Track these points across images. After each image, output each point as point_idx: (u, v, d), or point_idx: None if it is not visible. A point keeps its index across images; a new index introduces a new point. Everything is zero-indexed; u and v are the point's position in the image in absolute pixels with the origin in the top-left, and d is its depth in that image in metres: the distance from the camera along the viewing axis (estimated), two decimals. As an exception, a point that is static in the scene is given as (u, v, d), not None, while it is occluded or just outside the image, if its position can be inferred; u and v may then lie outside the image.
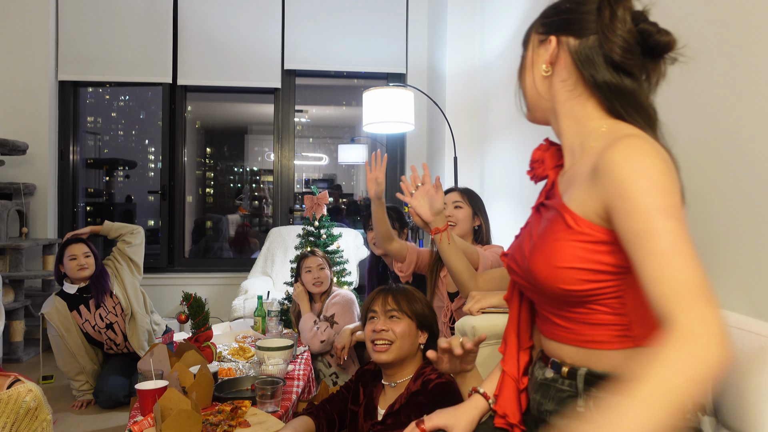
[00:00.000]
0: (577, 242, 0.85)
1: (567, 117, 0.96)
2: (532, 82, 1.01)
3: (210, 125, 6.81)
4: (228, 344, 2.42)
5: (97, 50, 4.06)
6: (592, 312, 0.88)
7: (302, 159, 8.26)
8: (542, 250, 0.89)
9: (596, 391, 0.89)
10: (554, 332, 0.96)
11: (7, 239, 3.52)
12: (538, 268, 0.89)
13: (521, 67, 1.03)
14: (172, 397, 1.49)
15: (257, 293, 3.26)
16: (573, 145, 0.96)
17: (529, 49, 1.02)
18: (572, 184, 0.90)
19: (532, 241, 0.94)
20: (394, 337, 1.47)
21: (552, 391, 0.95)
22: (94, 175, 5.31)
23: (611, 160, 0.80)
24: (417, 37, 4.30)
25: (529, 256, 0.92)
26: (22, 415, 1.47)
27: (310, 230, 3.16)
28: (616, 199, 0.79)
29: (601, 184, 0.81)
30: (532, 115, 1.05)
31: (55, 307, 2.70)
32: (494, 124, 3.26)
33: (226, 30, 4.16)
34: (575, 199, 0.87)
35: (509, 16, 3.03)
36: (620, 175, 0.78)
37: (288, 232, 3.98)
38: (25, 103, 3.91)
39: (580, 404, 0.90)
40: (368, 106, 3.21)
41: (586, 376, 0.90)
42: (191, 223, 5.44)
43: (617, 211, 0.79)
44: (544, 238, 0.90)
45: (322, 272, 2.60)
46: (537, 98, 1.01)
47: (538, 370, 1.01)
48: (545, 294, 0.91)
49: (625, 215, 0.77)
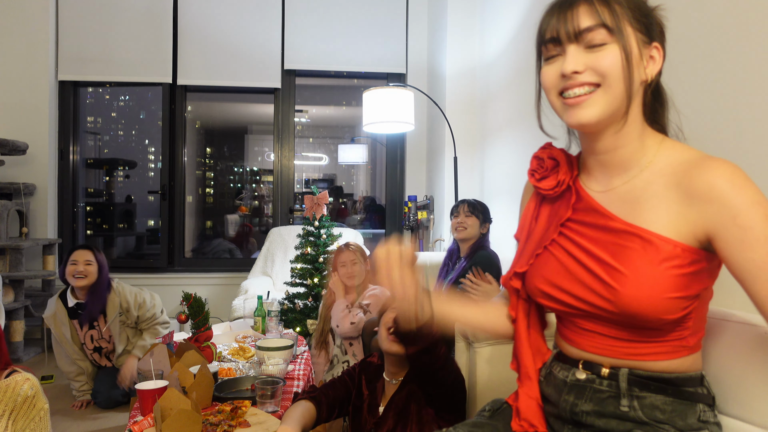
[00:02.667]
0: (678, 268, 0.82)
1: (634, 130, 0.88)
2: (638, 80, 0.86)
3: (210, 125, 6.81)
4: (228, 344, 2.42)
5: (97, 50, 4.06)
6: (662, 332, 0.87)
7: (302, 159, 8.26)
8: (642, 278, 0.83)
9: (638, 391, 0.89)
10: (603, 348, 0.92)
11: (7, 239, 3.52)
12: (639, 300, 0.83)
13: (629, 60, 0.83)
14: (172, 397, 1.49)
15: (257, 293, 3.26)
16: (627, 161, 0.89)
17: (631, 42, 0.84)
18: (640, 204, 0.86)
19: (607, 263, 0.87)
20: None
21: (588, 392, 0.93)
22: (94, 175, 5.31)
23: (717, 185, 0.79)
24: (417, 37, 4.30)
25: (617, 282, 0.85)
26: (20, 403, 1.48)
27: (310, 230, 3.16)
28: (731, 227, 0.79)
29: (705, 209, 0.81)
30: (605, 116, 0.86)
31: (55, 314, 2.64)
32: (494, 124, 3.26)
33: (226, 30, 4.16)
34: (663, 223, 0.84)
35: (509, 16, 3.03)
36: (733, 203, 0.79)
37: (288, 232, 3.98)
38: (25, 103, 3.91)
39: (624, 404, 0.89)
40: (368, 106, 3.21)
41: (629, 376, 0.89)
42: (191, 223, 5.44)
43: (733, 240, 0.79)
44: (637, 263, 0.84)
45: (355, 267, 2.58)
46: (630, 100, 0.86)
47: (560, 372, 0.98)
48: (630, 320, 0.86)
49: (743, 245, 0.79)
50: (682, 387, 0.88)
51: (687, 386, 0.88)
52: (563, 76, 0.86)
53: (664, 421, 0.87)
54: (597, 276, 0.88)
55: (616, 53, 0.83)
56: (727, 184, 0.79)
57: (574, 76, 0.85)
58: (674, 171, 0.85)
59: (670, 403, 0.87)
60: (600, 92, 0.84)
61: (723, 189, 0.79)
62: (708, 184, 0.80)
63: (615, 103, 0.84)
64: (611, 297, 0.86)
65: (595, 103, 0.85)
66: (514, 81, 2.96)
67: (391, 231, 4.49)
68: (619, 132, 0.88)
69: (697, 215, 0.81)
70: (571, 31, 0.84)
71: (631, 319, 0.86)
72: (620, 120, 0.86)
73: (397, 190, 4.47)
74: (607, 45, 0.83)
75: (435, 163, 3.97)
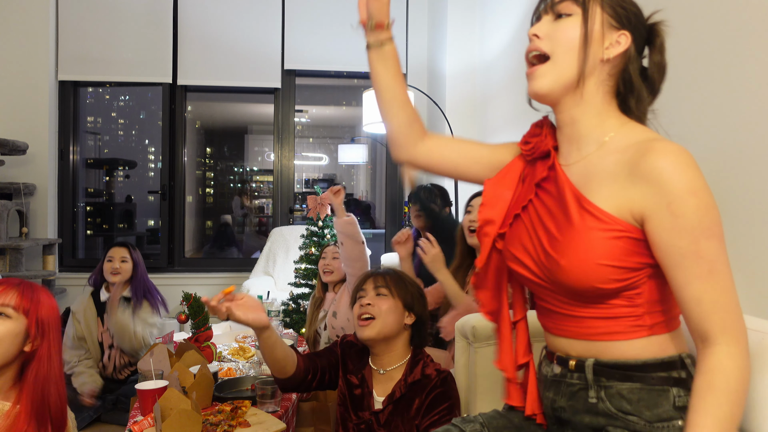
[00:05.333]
0: (614, 239, 0.84)
1: (592, 106, 0.92)
2: (595, 60, 0.90)
3: (210, 125, 6.81)
4: (228, 344, 2.42)
5: (97, 50, 4.06)
6: (609, 306, 0.88)
7: (302, 159, 8.26)
8: (575, 245, 0.86)
9: (606, 381, 0.89)
10: (563, 328, 0.95)
11: (7, 239, 3.52)
12: (571, 263, 0.86)
13: (584, 36, 0.89)
14: (172, 397, 1.49)
15: (259, 293, 3.26)
16: (585, 136, 0.93)
17: (594, 20, 0.89)
18: (592, 179, 0.89)
19: (550, 234, 0.91)
20: (379, 313, 1.47)
21: (563, 387, 0.95)
22: (94, 175, 5.30)
23: (658, 168, 0.81)
24: (417, 37, 4.30)
25: (555, 251, 0.89)
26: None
27: (313, 230, 3.16)
28: (663, 211, 0.81)
29: (644, 190, 0.82)
30: (556, 89, 0.92)
31: (86, 308, 2.71)
32: (494, 124, 3.26)
33: (226, 30, 4.16)
34: (604, 197, 0.86)
35: (509, 16, 3.03)
36: (669, 188, 0.80)
37: (290, 232, 3.98)
38: (25, 103, 3.91)
39: (592, 395, 0.90)
40: (368, 106, 3.21)
41: (594, 366, 0.90)
42: (191, 223, 5.44)
43: (662, 225, 0.81)
44: (574, 233, 0.87)
45: (334, 261, 2.53)
46: (589, 78, 0.90)
47: (545, 368, 1.01)
48: (569, 290, 0.89)
49: (671, 231, 0.81)
50: (649, 373, 0.87)
51: (657, 371, 0.87)
52: (530, 41, 0.94)
53: (630, 412, 0.87)
54: (542, 246, 0.92)
55: (576, 25, 0.89)
56: (670, 167, 0.80)
57: (533, 38, 0.93)
58: (627, 150, 0.87)
59: (637, 391, 0.87)
60: (549, 64, 0.91)
61: (664, 172, 0.80)
62: (651, 165, 0.81)
63: (565, 74, 0.90)
64: (549, 265, 0.90)
65: (545, 73, 0.91)
66: (514, 81, 2.96)
67: (391, 231, 4.49)
68: (577, 106, 0.92)
69: (635, 194, 0.83)
70: (549, 2, 0.93)
71: (568, 289, 0.89)
72: (574, 93, 0.91)
73: (397, 190, 4.47)
74: (572, 16, 0.90)
75: (435, 163, 3.97)
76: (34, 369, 1.24)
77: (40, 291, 1.28)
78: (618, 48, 0.90)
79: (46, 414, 1.24)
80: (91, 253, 4.72)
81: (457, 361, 1.70)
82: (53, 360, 1.27)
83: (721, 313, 0.80)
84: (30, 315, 1.24)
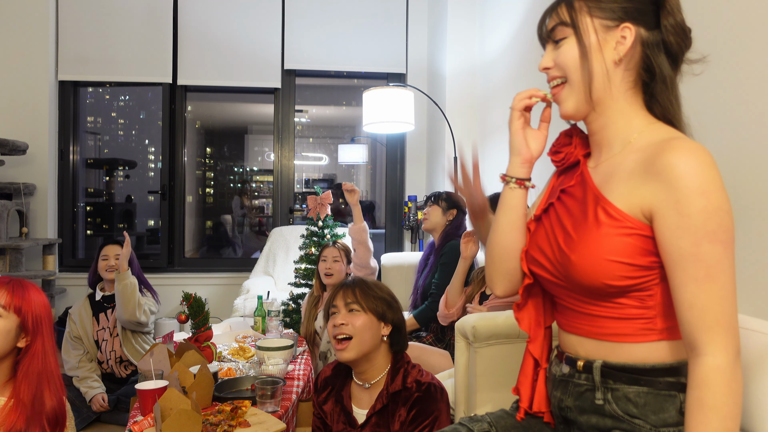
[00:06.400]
0: (624, 236, 0.85)
1: (617, 110, 0.92)
2: (604, 68, 0.90)
3: (210, 125, 6.81)
4: (228, 344, 2.42)
5: (97, 50, 4.06)
6: (620, 306, 0.88)
7: (302, 159, 8.26)
8: (586, 241, 0.87)
9: (613, 383, 0.89)
10: (575, 325, 0.95)
11: (7, 239, 3.51)
12: (581, 259, 0.87)
13: (583, 52, 0.90)
14: (172, 397, 1.49)
15: (259, 293, 3.26)
16: (613, 138, 0.94)
17: (588, 33, 0.90)
18: (612, 178, 0.90)
19: (566, 232, 0.92)
20: (354, 331, 1.45)
21: (570, 387, 0.95)
22: (94, 175, 5.29)
23: (671, 165, 0.80)
24: (417, 37, 4.30)
25: (568, 247, 0.90)
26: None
27: (314, 230, 3.16)
28: (671, 209, 0.80)
29: (655, 186, 0.82)
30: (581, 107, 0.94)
31: (83, 308, 2.76)
32: (494, 124, 3.26)
33: (226, 30, 4.16)
34: (618, 194, 0.87)
35: (509, 16, 3.03)
36: (679, 186, 0.79)
37: (290, 232, 3.98)
38: (25, 103, 3.91)
39: (598, 397, 0.91)
40: (368, 106, 3.21)
41: (602, 368, 0.90)
42: (191, 223, 5.43)
43: (667, 222, 0.81)
44: (586, 230, 0.88)
45: (335, 264, 2.52)
46: (606, 86, 0.91)
47: (555, 367, 1.01)
48: (581, 287, 0.90)
49: (675, 230, 0.80)
50: (657, 378, 0.87)
51: (665, 376, 0.87)
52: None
53: (636, 415, 0.87)
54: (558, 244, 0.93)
55: (573, 45, 0.92)
56: (683, 165, 0.79)
57: (546, 71, 0.97)
58: (647, 148, 0.87)
59: (644, 395, 0.87)
60: (567, 86, 0.94)
61: (676, 170, 0.80)
62: (665, 162, 0.81)
63: (584, 92, 0.92)
64: (562, 261, 0.92)
65: (567, 97, 0.94)
66: (514, 81, 2.96)
67: (391, 231, 4.49)
68: (603, 114, 0.94)
69: (647, 191, 0.83)
70: (543, 34, 0.98)
71: (579, 285, 0.89)
72: (600, 103, 0.93)
73: (397, 190, 4.47)
74: (566, 39, 0.93)
75: (435, 163, 3.97)
76: (26, 364, 1.26)
77: (30, 288, 1.29)
78: (626, 43, 0.89)
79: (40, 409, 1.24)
80: (91, 253, 4.71)
81: (457, 361, 1.70)
82: (48, 356, 1.28)
83: (711, 321, 0.77)
84: (21, 312, 1.25)
